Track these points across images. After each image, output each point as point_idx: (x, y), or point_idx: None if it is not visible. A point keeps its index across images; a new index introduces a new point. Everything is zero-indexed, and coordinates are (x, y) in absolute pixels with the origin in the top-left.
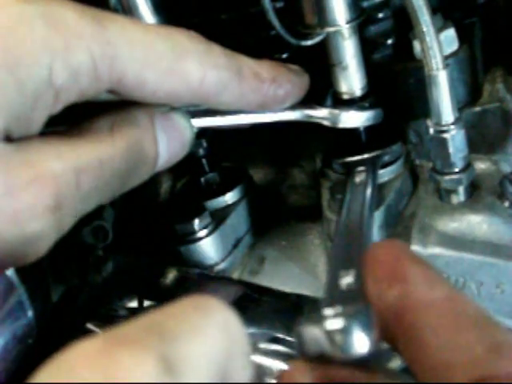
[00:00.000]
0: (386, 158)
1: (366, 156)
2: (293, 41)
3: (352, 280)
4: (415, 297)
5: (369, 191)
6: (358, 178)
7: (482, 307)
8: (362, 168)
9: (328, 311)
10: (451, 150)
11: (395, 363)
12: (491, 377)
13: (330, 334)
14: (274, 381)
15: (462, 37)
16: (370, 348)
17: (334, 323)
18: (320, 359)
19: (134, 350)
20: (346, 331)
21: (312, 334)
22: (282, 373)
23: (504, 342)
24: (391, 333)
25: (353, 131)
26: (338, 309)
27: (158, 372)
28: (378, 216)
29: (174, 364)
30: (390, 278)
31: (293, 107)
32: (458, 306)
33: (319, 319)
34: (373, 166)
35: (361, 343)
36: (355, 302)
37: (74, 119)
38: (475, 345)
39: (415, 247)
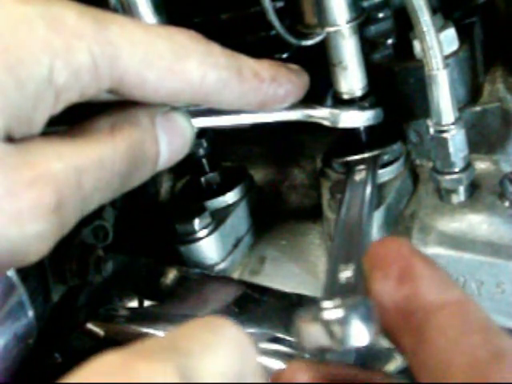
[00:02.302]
0: (386, 158)
1: (365, 155)
2: (293, 41)
3: (351, 274)
4: (426, 298)
5: (368, 189)
6: (358, 177)
7: (488, 314)
8: (361, 167)
9: (327, 304)
10: (451, 149)
11: (395, 364)
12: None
13: (328, 325)
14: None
15: (462, 37)
16: (370, 340)
17: (333, 314)
18: (320, 353)
19: (153, 361)
20: (345, 322)
21: (310, 325)
22: (280, 371)
23: (507, 349)
24: (397, 331)
25: (353, 131)
26: (337, 301)
27: (175, 379)
28: (378, 216)
29: (191, 375)
30: (400, 277)
31: (293, 107)
32: (467, 310)
33: (317, 311)
34: (373, 164)
35: (360, 335)
36: (354, 295)
37: (74, 119)
38: (479, 349)
39: (415, 247)
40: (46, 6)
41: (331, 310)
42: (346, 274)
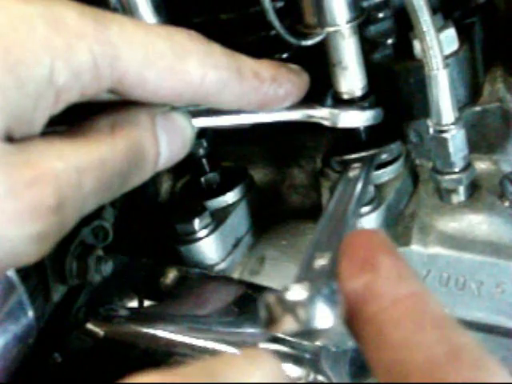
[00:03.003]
0: (384, 157)
1: (361, 154)
2: (293, 41)
3: (326, 262)
4: (382, 288)
5: (359, 185)
6: (352, 173)
7: (445, 309)
8: (357, 165)
9: (292, 286)
10: (451, 149)
11: None
12: (444, 381)
13: (291, 307)
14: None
15: (462, 37)
16: (334, 322)
17: (297, 295)
18: (287, 333)
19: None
20: (308, 303)
21: (274, 306)
22: None
23: (464, 345)
24: (354, 320)
25: (352, 131)
26: (303, 284)
27: None
28: (378, 216)
29: None
30: (360, 265)
31: (293, 107)
32: (422, 304)
33: (282, 293)
34: (368, 163)
35: (324, 317)
36: (323, 279)
37: (75, 119)
38: (435, 345)
39: (415, 247)
40: (47, 5)
41: (295, 292)
42: (321, 261)
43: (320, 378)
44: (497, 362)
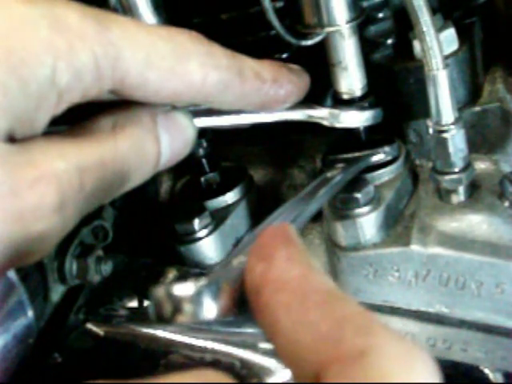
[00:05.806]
0: (379, 159)
1: (349, 155)
2: (293, 41)
3: (245, 259)
4: (272, 275)
5: (328, 186)
6: (331, 173)
7: (333, 284)
8: (340, 165)
9: (189, 281)
10: (451, 149)
11: None
12: (333, 355)
13: (178, 301)
14: (275, 381)
15: (462, 37)
16: (216, 315)
17: (185, 290)
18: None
19: None
20: (193, 298)
21: (164, 300)
22: None
23: (347, 315)
24: (254, 310)
25: (352, 131)
26: (198, 280)
27: None
28: (378, 216)
29: None
30: (258, 257)
31: (293, 107)
32: (309, 284)
33: (171, 286)
34: (352, 164)
35: (207, 310)
36: (217, 276)
37: (76, 119)
38: (320, 322)
39: (415, 247)
40: (49, 6)
41: (184, 287)
42: (242, 258)
43: None
44: (381, 323)
